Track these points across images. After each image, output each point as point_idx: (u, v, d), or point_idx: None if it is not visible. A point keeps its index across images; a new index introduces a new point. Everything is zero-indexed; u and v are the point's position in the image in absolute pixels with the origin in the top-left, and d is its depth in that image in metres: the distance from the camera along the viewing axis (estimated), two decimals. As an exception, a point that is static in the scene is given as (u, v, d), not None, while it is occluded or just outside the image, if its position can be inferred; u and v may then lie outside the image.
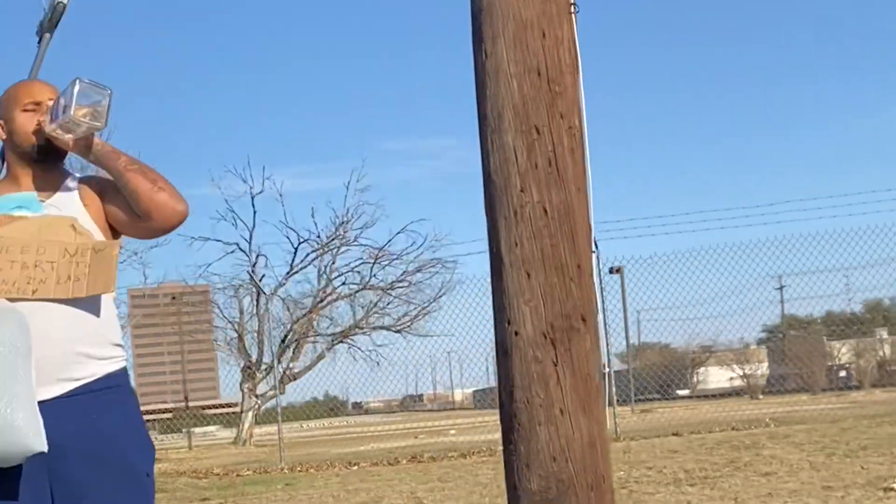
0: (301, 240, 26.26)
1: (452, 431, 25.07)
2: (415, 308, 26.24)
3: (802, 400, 30.19)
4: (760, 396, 37.66)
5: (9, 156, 3.32)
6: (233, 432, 28.18)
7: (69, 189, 3.26)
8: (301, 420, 43.29)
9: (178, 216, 3.18)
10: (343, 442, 24.51)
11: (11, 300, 3.03)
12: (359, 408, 74.26)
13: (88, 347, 3.10)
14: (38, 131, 3.17)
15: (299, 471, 15.57)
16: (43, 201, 3.19)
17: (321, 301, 26.74)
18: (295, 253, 26.62)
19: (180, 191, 3.19)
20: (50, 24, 3.49)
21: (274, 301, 26.90)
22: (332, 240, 26.13)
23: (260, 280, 26.51)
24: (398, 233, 26.30)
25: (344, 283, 26.33)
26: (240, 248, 26.92)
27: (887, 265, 20.53)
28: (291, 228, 26.23)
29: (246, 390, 26.64)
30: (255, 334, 27.12)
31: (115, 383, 3.15)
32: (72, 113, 3.05)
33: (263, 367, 26.98)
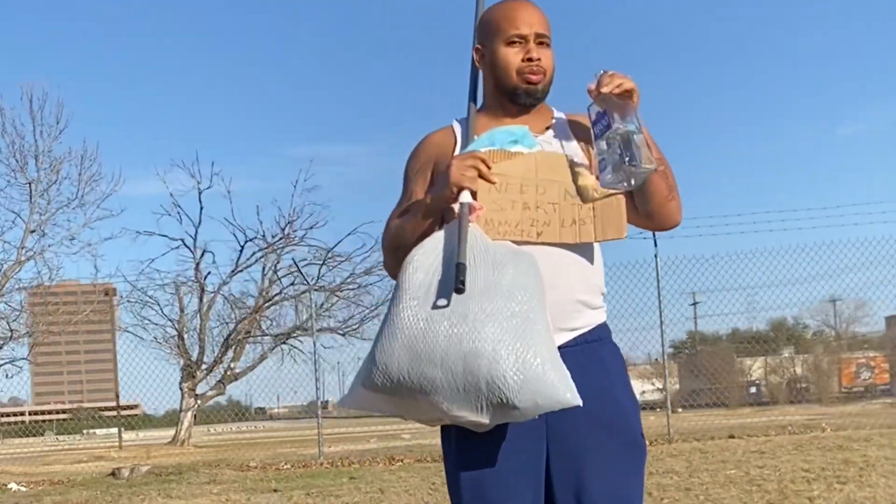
0: (247, 238, 25.63)
1: (406, 436, 24.88)
2: (362, 311, 25.88)
3: (721, 414, 30.62)
4: (679, 410, 38.09)
5: (488, 85, 3.00)
6: (133, 434, 27.38)
7: (560, 123, 2.97)
8: (209, 424, 42.36)
9: (673, 224, 3.02)
10: (304, 444, 23.94)
11: (516, 243, 2.76)
12: (262, 413, 73.34)
13: (586, 295, 2.92)
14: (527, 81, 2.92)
15: (340, 465, 15.20)
16: (536, 135, 2.89)
17: (266, 301, 26.17)
18: (241, 251, 26.00)
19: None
20: None
21: (217, 299, 26.30)
22: (279, 239, 25.58)
23: (205, 278, 25.91)
24: (348, 234, 25.94)
25: (292, 284, 25.77)
26: (185, 245, 26.19)
27: (790, 285, 21.12)
28: (238, 227, 25.49)
29: (185, 390, 25.98)
30: (196, 333, 26.42)
31: (605, 334, 2.98)
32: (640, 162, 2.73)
33: (204, 366, 26.35)
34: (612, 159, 2.75)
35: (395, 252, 2.95)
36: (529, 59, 2.93)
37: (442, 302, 2.62)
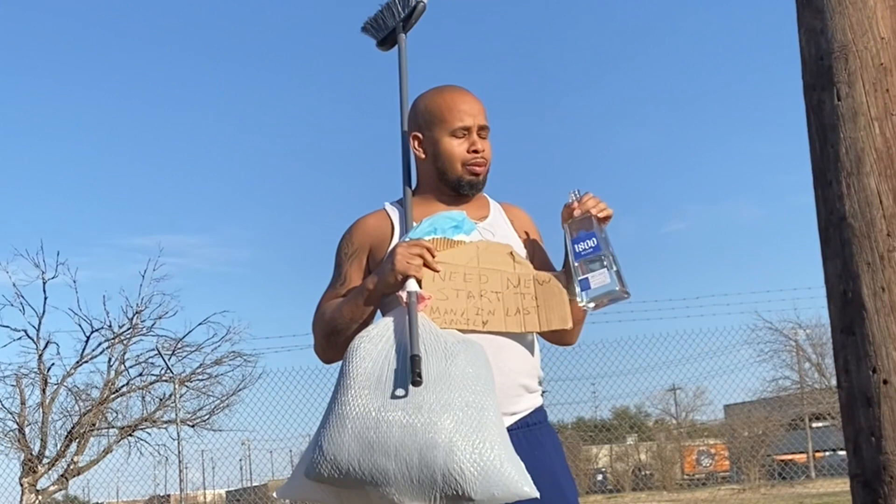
0: (93, 328, 24.92)
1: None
2: (213, 401, 25.35)
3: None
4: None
5: (424, 173, 3.02)
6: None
7: (496, 212, 3.02)
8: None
9: (570, 344, 3.14)
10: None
11: (462, 331, 2.75)
12: (100, 509, 70.73)
13: (527, 379, 2.99)
14: (469, 171, 3.02)
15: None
16: (475, 222, 2.92)
17: (113, 392, 25.43)
18: (87, 342, 25.22)
19: None
20: (407, 25, 3.21)
21: (60, 391, 25.44)
22: (126, 329, 24.96)
23: (48, 369, 25.04)
24: (199, 324, 25.46)
25: (140, 375, 25.12)
26: (27, 335, 25.30)
27: (632, 374, 21.80)
28: (84, 317, 24.79)
29: (26, 485, 24.91)
30: (38, 426, 25.46)
31: (543, 417, 3.01)
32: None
33: (45, 461, 25.36)
34: (602, 278, 2.84)
35: (330, 337, 2.94)
36: (475, 151, 2.99)
37: (400, 392, 2.61)
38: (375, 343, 2.75)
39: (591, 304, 2.87)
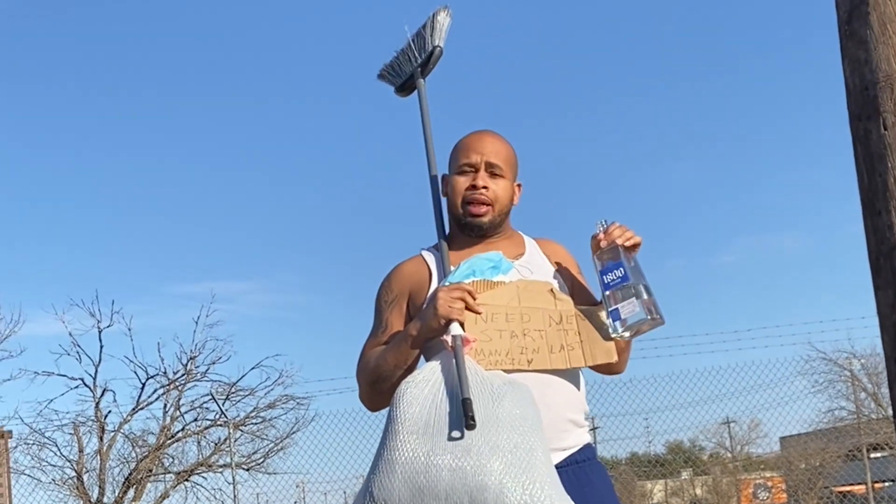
0: (148, 375, 25.12)
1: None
2: (267, 444, 25.41)
3: (628, 539, 30.56)
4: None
5: (449, 216, 3.04)
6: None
7: (531, 248, 3.00)
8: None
9: (618, 373, 3.09)
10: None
11: (507, 371, 2.74)
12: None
13: (574, 414, 2.96)
14: (471, 213, 3.00)
15: None
16: (511, 260, 2.91)
17: (169, 438, 25.58)
18: (142, 388, 25.41)
19: None
20: (425, 70, 3.24)
21: (117, 438, 25.64)
22: (181, 375, 25.13)
23: (105, 417, 25.25)
24: (252, 368, 25.57)
25: (195, 420, 25.23)
26: (84, 384, 25.55)
27: (684, 409, 21.60)
28: (139, 364, 25.00)
29: (84, 532, 25.07)
30: (97, 473, 25.66)
31: (592, 454, 2.96)
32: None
33: (103, 507, 25.54)
34: (632, 307, 2.83)
35: (375, 384, 2.94)
36: (473, 187, 2.97)
37: (455, 434, 2.60)
38: (422, 388, 2.74)
39: (627, 334, 2.85)
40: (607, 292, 2.87)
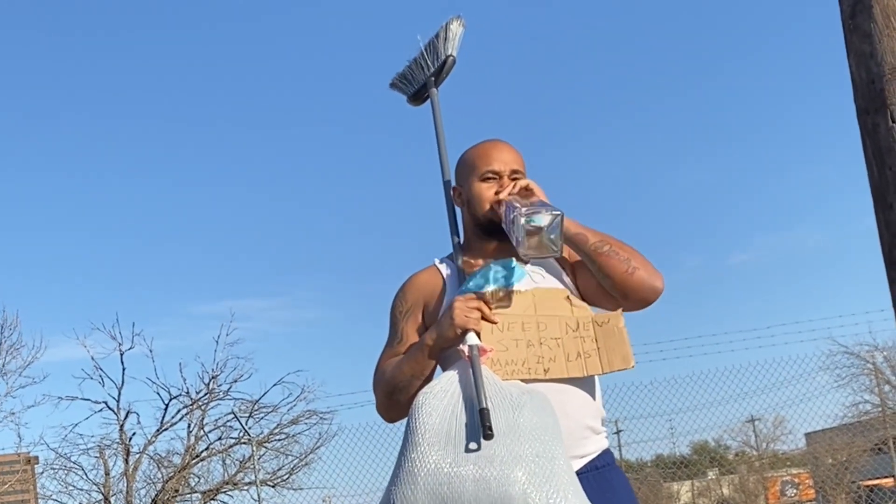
0: (171, 396, 25.17)
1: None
2: (292, 460, 25.43)
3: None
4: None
5: (467, 225, 3.05)
6: None
7: None
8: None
9: (654, 294, 2.99)
10: None
11: (524, 381, 2.75)
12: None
13: (593, 420, 2.96)
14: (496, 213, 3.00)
15: None
16: (523, 267, 2.92)
17: (194, 458, 25.62)
18: (166, 409, 25.46)
19: None
20: (438, 79, 3.23)
21: (142, 460, 25.69)
22: (204, 395, 25.17)
23: (130, 439, 25.33)
24: (274, 385, 25.59)
25: (220, 439, 25.24)
26: (108, 407, 25.61)
27: (708, 408, 21.49)
28: (162, 385, 25.06)
29: (112, 556, 25.15)
30: (123, 495, 25.72)
31: (611, 459, 2.98)
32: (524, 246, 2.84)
33: (130, 529, 25.61)
34: (515, 240, 2.82)
35: (393, 395, 2.95)
36: None
37: (473, 445, 2.61)
38: (440, 398, 2.75)
39: (533, 241, 2.82)
40: (504, 226, 2.89)
